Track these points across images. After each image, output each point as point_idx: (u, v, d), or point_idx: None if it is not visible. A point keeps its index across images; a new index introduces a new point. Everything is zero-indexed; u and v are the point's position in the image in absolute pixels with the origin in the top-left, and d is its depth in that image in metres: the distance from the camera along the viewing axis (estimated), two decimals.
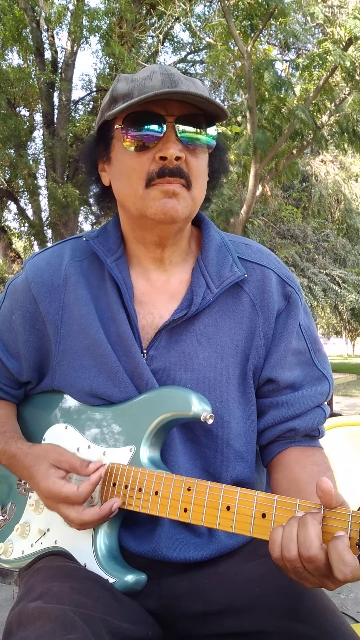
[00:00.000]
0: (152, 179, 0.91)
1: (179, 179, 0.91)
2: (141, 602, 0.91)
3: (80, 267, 1.04)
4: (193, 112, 0.93)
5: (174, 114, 0.91)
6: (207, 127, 0.95)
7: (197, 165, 0.94)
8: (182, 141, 0.92)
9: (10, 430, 1.07)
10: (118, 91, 0.95)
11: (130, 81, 0.95)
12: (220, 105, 0.91)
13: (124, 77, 0.97)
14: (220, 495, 0.80)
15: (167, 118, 0.91)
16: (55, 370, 1.04)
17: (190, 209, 0.95)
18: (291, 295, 1.03)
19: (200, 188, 0.97)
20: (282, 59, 9.13)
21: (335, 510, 0.70)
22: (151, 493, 0.87)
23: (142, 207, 0.93)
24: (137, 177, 0.93)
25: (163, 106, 0.91)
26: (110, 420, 0.98)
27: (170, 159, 0.90)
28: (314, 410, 1.01)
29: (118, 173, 0.97)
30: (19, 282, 1.08)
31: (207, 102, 0.90)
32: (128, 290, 0.99)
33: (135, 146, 0.92)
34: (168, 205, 0.92)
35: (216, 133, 0.97)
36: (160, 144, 0.91)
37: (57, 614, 0.75)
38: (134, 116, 0.92)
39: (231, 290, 1.01)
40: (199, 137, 0.94)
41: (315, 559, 0.68)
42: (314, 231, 14.35)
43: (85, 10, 9.23)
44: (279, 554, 0.72)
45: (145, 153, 0.92)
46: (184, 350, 0.98)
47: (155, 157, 0.91)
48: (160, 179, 0.91)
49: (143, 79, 0.93)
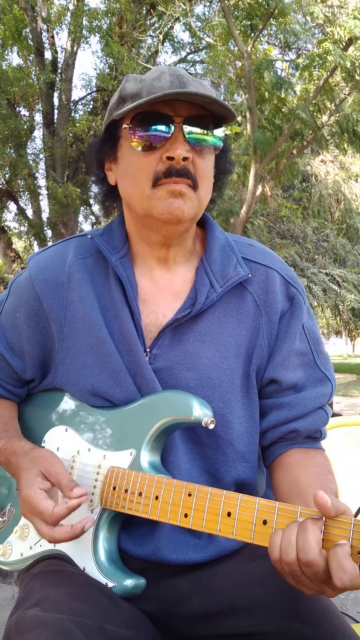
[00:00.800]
0: (159, 178, 0.92)
1: (186, 179, 0.92)
2: (140, 605, 0.91)
3: (84, 264, 1.04)
4: (201, 114, 0.93)
5: (182, 114, 0.92)
6: (215, 128, 0.95)
7: (203, 166, 0.95)
8: (190, 142, 0.92)
9: (13, 429, 1.07)
10: (127, 91, 0.95)
11: (139, 81, 0.96)
12: (228, 107, 0.92)
13: (133, 77, 0.98)
14: (221, 501, 0.79)
15: (175, 119, 0.91)
16: (58, 368, 1.04)
17: (196, 209, 0.96)
18: (295, 296, 1.03)
19: (207, 189, 0.98)
20: (282, 59, 9.13)
21: (337, 518, 0.70)
22: (151, 498, 0.86)
23: (149, 207, 0.94)
24: (144, 177, 0.93)
25: (171, 107, 0.92)
26: (111, 423, 0.97)
27: (178, 159, 0.91)
28: (316, 411, 1.01)
29: (125, 172, 0.98)
30: (23, 280, 1.08)
31: (215, 104, 0.91)
32: (132, 288, 0.99)
33: (142, 146, 0.93)
34: (174, 206, 0.92)
35: (223, 135, 0.98)
36: (167, 144, 0.92)
37: (54, 623, 0.75)
38: (142, 116, 0.92)
39: (235, 291, 1.01)
40: (206, 138, 0.94)
41: (313, 564, 0.68)
42: (314, 231, 14.37)
43: (85, 10, 9.22)
44: (278, 556, 0.72)
45: (152, 153, 0.92)
46: (187, 349, 0.98)
47: (163, 157, 0.92)
48: (167, 179, 0.91)
49: (152, 80, 0.93)
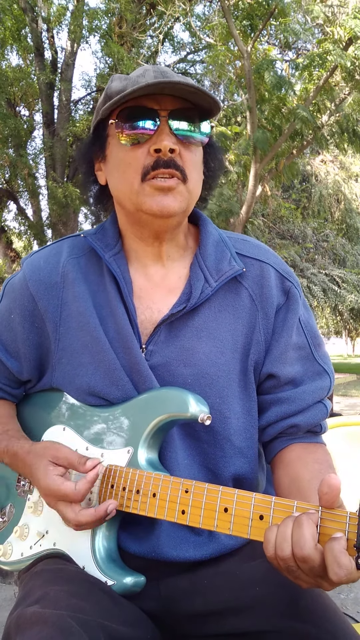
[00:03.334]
0: (147, 172, 0.93)
1: (174, 170, 0.92)
2: (140, 604, 0.91)
3: (78, 264, 1.04)
4: (186, 107, 0.94)
5: (167, 108, 0.93)
6: (201, 121, 0.96)
7: (190, 158, 0.96)
8: (176, 134, 0.93)
9: (13, 429, 1.07)
10: (112, 89, 0.97)
11: (124, 79, 0.98)
12: (212, 95, 0.93)
13: (118, 77, 1.00)
14: (218, 497, 0.79)
15: (160, 112, 0.93)
16: (55, 368, 1.04)
17: (187, 202, 0.96)
18: (290, 289, 1.03)
19: (196, 181, 0.98)
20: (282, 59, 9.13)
21: (333, 512, 0.70)
22: (149, 495, 0.86)
23: (138, 202, 0.94)
24: (132, 172, 0.94)
25: (156, 101, 0.93)
26: (108, 422, 0.97)
27: (164, 151, 0.92)
28: (315, 405, 1.01)
29: (114, 169, 0.98)
30: (17, 281, 1.08)
31: (199, 94, 0.92)
32: (127, 285, 0.99)
33: (130, 141, 0.94)
34: (163, 202, 0.93)
35: (210, 128, 0.99)
36: (154, 137, 0.93)
37: (55, 619, 0.75)
38: (127, 111, 0.94)
39: (230, 286, 1.01)
40: (192, 130, 0.95)
41: (309, 558, 0.68)
42: (314, 231, 14.37)
43: (85, 10, 9.23)
44: (273, 552, 0.72)
45: (139, 147, 0.93)
46: (183, 345, 0.98)
47: (150, 151, 0.93)
48: (155, 172, 0.92)
49: (137, 77, 0.96)
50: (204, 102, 0.94)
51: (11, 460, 1.02)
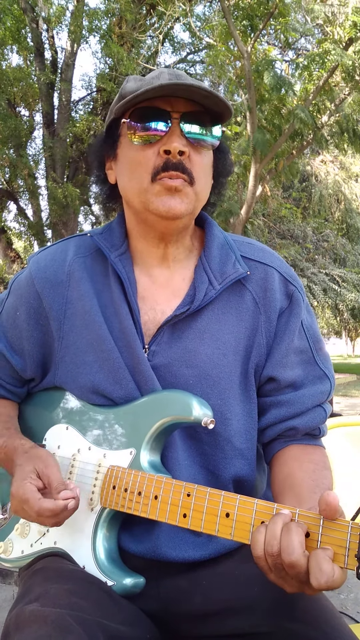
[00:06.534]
0: (157, 172, 0.93)
1: (182, 174, 0.93)
2: (140, 604, 0.91)
3: (84, 263, 1.05)
4: (198, 110, 0.95)
5: (179, 110, 0.93)
6: (212, 126, 0.97)
7: (200, 162, 0.96)
8: (187, 137, 0.94)
9: (14, 428, 1.08)
10: (126, 89, 0.98)
11: (138, 80, 0.99)
12: (225, 100, 0.93)
13: (133, 78, 1.01)
14: (220, 502, 0.79)
15: (172, 114, 0.93)
16: (58, 366, 1.04)
17: (193, 204, 0.96)
18: (293, 293, 1.03)
19: (204, 185, 0.98)
20: (282, 59, 9.14)
21: (334, 522, 0.70)
22: (150, 497, 0.86)
23: (145, 201, 0.95)
24: (143, 171, 0.94)
25: (169, 103, 0.94)
26: (111, 422, 0.98)
27: (174, 152, 0.92)
28: (314, 409, 1.02)
29: (124, 168, 0.99)
30: (23, 278, 1.09)
31: (211, 98, 0.92)
32: (131, 286, 1.00)
33: (141, 140, 0.94)
34: (170, 203, 0.93)
35: (220, 133, 0.99)
36: (165, 138, 0.93)
37: (54, 617, 0.75)
38: (140, 111, 0.94)
39: (234, 288, 1.01)
40: (203, 134, 0.96)
41: (297, 564, 0.69)
42: (314, 231, 14.37)
43: (85, 10, 9.23)
44: (262, 550, 0.72)
45: (150, 147, 0.94)
46: (186, 346, 0.98)
47: (160, 151, 0.93)
48: (164, 173, 0.93)
49: (151, 78, 0.97)
50: (216, 106, 0.94)
51: (6, 456, 1.02)
